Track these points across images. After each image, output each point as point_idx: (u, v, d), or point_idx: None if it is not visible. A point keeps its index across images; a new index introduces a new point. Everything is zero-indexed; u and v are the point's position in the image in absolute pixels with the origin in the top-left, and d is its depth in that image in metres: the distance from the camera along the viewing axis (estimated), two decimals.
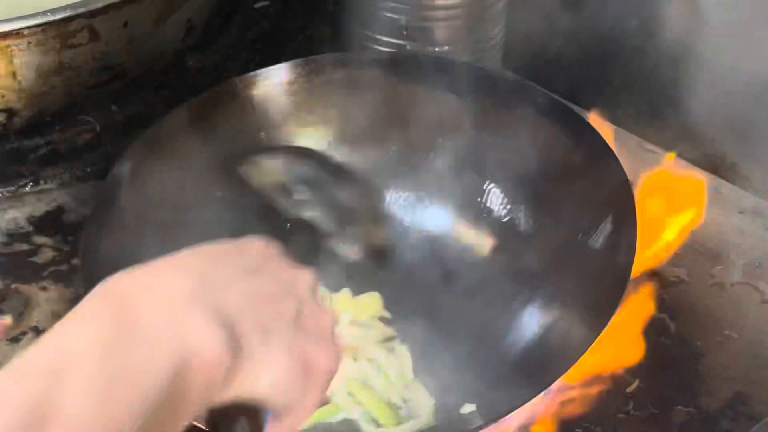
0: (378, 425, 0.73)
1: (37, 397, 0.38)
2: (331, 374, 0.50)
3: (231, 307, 0.44)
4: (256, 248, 0.52)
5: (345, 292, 0.82)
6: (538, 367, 0.71)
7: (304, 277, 0.51)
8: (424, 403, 0.74)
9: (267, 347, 0.46)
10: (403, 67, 0.87)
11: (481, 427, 0.68)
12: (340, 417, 0.74)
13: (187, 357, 0.42)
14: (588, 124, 0.81)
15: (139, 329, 0.41)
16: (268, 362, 0.46)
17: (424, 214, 0.87)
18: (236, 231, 0.83)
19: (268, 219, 0.85)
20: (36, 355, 0.41)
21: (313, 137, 0.88)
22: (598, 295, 0.70)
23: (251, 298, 0.46)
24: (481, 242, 0.84)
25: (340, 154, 0.88)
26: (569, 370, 0.64)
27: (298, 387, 0.47)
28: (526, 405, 0.64)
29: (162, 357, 0.41)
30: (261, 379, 0.46)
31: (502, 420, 0.66)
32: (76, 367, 0.39)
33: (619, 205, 0.74)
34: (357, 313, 0.80)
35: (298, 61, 0.87)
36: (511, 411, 0.65)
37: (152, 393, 0.40)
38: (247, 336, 0.45)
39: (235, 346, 0.44)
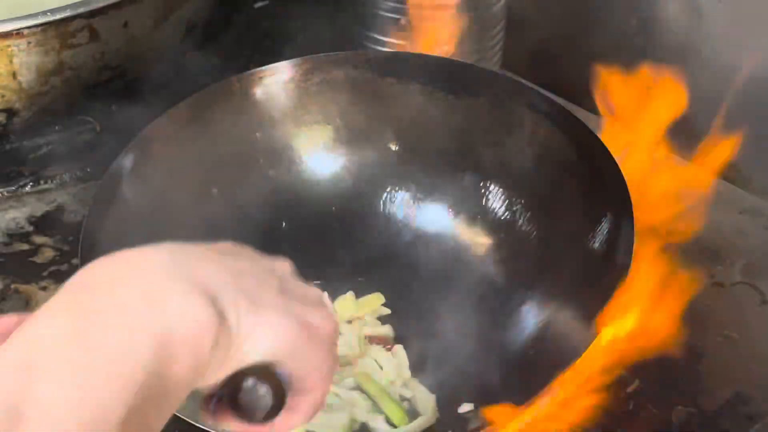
0: (389, 424, 0.73)
1: (10, 395, 0.36)
2: (334, 337, 0.47)
3: (211, 279, 0.42)
4: (230, 245, 0.49)
5: (349, 295, 0.82)
6: (535, 366, 0.71)
7: (282, 263, 0.49)
8: (425, 400, 0.74)
9: (257, 312, 0.43)
10: (401, 67, 0.87)
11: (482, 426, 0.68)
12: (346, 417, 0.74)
13: (169, 331, 0.40)
14: (585, 125, 0.81)
15: (114, 312, 0.39)
16: (263, 324, 0.43)
17: (423, 214, 0.87)
18: (233, 227, 0.84)
19: (265, 215, 0.86)
20: (5, 352, 0.39)
21: (310, 136, 0.88)
22: (596, 294, 0.70)
23: (231, 272, 0.44)
24: (479, 242, 0.85)
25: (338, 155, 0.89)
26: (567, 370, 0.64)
27: (304, 347, 0.45)
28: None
29: (141, 336, 0.39)
30: (260, 342, 0.43)
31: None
32: (47, 359, 0.38)
33: (617, 204, 0.74)
34: (360, 311, 0.81)
35: (296, 60, 0.87)
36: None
37: (134, 375, 0.38)
38: (232, 304, 0.42)
39: (220, 314, 0.41)
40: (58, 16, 0.85)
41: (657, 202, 0.79)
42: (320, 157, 0.89)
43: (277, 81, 0.87)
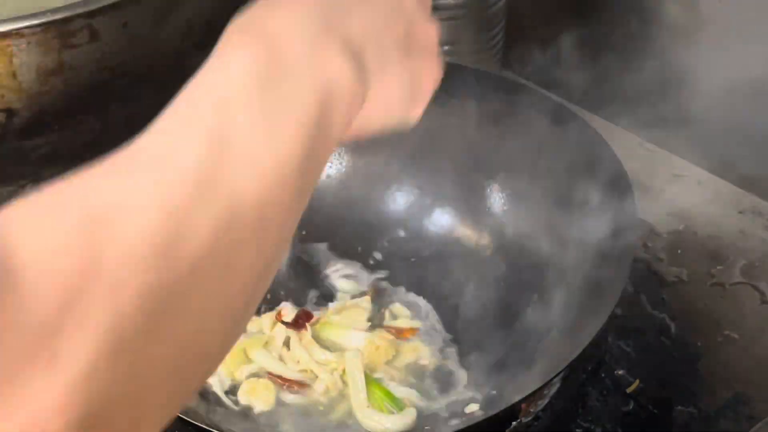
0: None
1: (214, 130, 0.39)
2: (435, 86, 0.52)
3: (356, 34, 0.46)
4: None
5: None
6: (540, 364, 0.71)
7: None
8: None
9: (383, 74, 0.47)
10: None
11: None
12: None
13: (329, 89, 0.43)
14: (587, 124, 0.81)
15: (285, 64, 0.42)
16: (384, 90, 0.48)
17: (429, 217, 0.87)
18: None
19: None
20: (203, 83, 0.42)
21: None
22: (599, 291, 0.70)
23: (370, 22, 0.47)
24: (485, 243, 0.85)
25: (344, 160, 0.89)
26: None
27: (407, 108, 0.51)
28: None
29: (309, 90, 0.42)
30: (376, 110, 0.48)
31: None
32: (240, 99, 0.40)
33: (620, 202, 0.74)
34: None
35: None
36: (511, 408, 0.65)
37: (306, 122, 0.41)
38: (369, 63, 0.46)
39: (363, 75, 0.45)
40: (58, 16, 0.85)
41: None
42: (327, 163, 0.89)
43: None
